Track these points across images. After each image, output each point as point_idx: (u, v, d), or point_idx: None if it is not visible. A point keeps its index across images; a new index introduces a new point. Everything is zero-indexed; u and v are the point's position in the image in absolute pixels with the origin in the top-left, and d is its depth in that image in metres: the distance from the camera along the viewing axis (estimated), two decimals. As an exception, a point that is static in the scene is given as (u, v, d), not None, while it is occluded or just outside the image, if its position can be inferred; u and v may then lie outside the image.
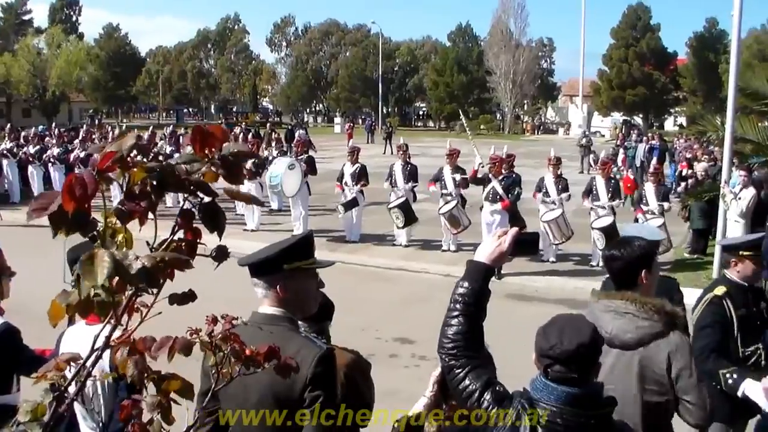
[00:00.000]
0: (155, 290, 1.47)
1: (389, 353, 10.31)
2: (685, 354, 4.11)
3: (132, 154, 1.43)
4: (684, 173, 21.41)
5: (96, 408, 4.71)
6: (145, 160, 1.45)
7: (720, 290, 5.81)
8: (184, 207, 1.50)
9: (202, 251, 1.54)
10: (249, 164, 19.43)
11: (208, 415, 3.49)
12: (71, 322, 4.49)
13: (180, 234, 1.53)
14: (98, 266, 1.35)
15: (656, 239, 5.60)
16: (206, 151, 1.50)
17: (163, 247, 1.49)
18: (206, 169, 1.49)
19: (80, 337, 4.28)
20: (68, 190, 1.35)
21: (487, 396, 2.92)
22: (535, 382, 2.95)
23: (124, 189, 1.44)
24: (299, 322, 3.63)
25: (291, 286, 3.51)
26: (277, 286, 3.49)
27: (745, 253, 5.88)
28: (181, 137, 31.68)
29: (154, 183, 1.43)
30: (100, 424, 4.71)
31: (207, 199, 1.52)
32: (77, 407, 4.59)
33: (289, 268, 3.49)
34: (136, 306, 1.55)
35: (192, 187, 1.47)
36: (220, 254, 1.55)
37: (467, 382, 2.97)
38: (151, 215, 1.45)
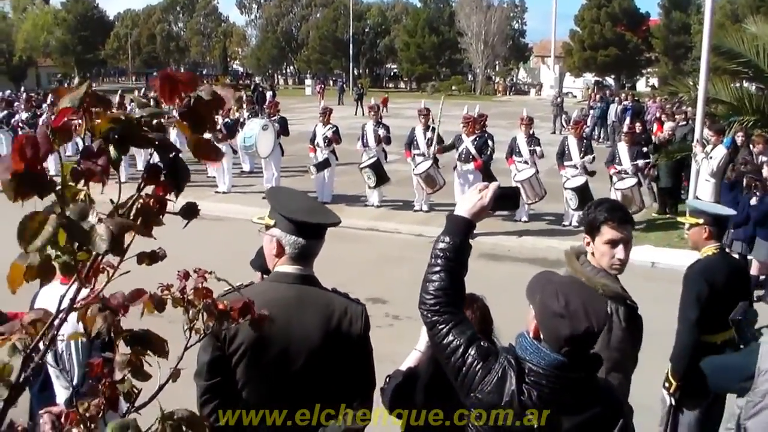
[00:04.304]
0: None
1: (363, 314, 10.32)
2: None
3: (92, 107, 1.33)
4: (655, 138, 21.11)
5: (68, 368, 4.68)
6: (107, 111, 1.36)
7: None
8: (151, 162, 1.42)
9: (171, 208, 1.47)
10: (220, 124, 19.33)
11: (210, 390, 3.37)
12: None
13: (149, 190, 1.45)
14: (36, 230, 1.28)
15: (719, 213, 5.67)
16: (175, 100, 1.41)
17: (129, 204, 1.40)
18: (173, 119, 1.41)
19: (54, 297, 4.19)
20: (19, 151, 1.25)
21: (472, 351, 2.87)
22: (522, 342, 2.91)
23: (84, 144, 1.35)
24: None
25: None
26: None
27: None
28: (152, 101, 31.41)
29: (116, 137, 1.34)
30: (72, 384, 4.67)
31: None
32: (50, 367, 4.54)
33: None
34: (102, 267, 1.48)
35: (156, 143, 1.38)
36: (189, 211, 1.47)
37: (451, 337, 2.91)
38: (114, 173, 1.35)
